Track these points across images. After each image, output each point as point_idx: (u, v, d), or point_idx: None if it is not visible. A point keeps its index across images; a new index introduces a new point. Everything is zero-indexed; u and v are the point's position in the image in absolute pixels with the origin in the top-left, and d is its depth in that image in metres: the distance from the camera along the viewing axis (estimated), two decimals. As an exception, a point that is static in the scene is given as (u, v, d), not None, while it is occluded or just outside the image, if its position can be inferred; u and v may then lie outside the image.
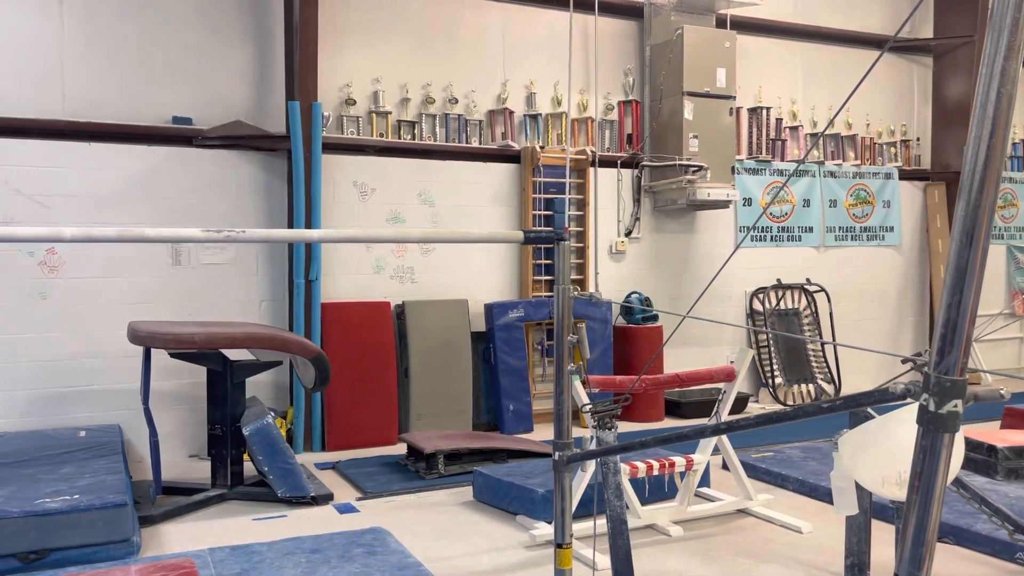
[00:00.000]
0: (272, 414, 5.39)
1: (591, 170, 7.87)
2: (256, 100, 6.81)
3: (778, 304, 8.87)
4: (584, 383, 4.20)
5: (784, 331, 8.75)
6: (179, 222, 6.39)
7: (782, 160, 8.91)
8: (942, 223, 9.65)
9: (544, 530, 4.48)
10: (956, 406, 1.50)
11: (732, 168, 8.09)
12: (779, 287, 8.87)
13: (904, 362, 2.07)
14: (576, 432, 3.69)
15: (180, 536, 4.62)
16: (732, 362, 4.91)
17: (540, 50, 7.83)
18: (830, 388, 8.80)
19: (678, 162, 7.80)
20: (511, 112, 7.67)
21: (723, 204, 8.12)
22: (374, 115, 7.16)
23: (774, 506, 4.98)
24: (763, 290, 8.78)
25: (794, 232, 9.02)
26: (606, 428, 3.52)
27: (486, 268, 7.55)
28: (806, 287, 9.00)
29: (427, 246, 7.30)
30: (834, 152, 9.33)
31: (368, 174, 7.10)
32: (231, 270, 6.67)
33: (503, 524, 4.81)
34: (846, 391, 8.85)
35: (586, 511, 4.16)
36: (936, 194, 9.72)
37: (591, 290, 7.53)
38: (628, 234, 8.16)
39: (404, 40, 7.33)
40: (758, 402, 8.58)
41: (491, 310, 7.32)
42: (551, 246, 3.39)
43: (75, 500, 4.20)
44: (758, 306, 8.74)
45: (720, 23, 8.25)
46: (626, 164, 8.13)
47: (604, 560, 3.80)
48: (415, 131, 7.33)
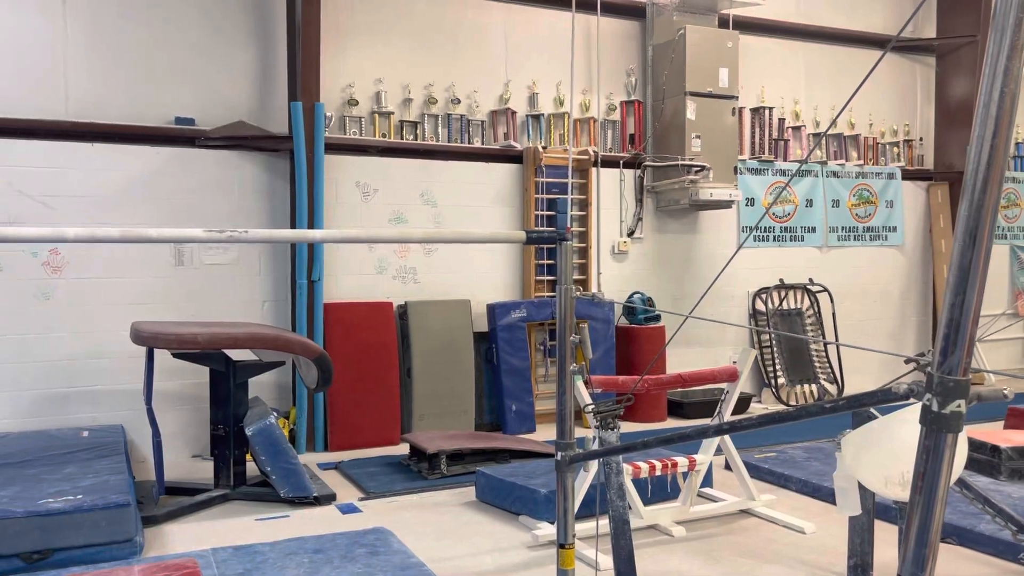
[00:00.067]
0: (275, 414, 5.40)
1: (593, 170, 7.87)
2: (259, 101, 6.82)
3: (781, 304, 8.86)
4: (586, 383, 4.19)
5: (787, 331, 8.74)
6: (182, 222, 6.40)
7: (785, 160, 8.90)
8: (945, 223, 9.64)
9: (547, 530, 4.48)
10: (959, 406, 1.49)
11: (735, 168, 8.08)
12: (782, 287, 8.86)
13: (907, 362, 2.07)
14: (579, 432, 3.70)
15: (183, 536, 4.63)
16: (735, 362, 4.91)
17: (542, 50, 7.83)
18: (833, 388, 8.79)
19: (680, 162, 7.80)
20: (513, 112, 7.67)
21: (726, 204, 8.12)
22: (376, 115, 7.17)
23: (777, 506, 4.98)
24: (766, 290, 8.77)
25: (797, 232, 9.01)
26: (609, 428, 3.51)
27: (488, 268, 7.55)
28: (809, 287, 8.99)
29: (429, 246, 7.30)
30: (837, 152, 9.32)
31: (370, 174, 7.10)
32: (234, 270, 6.68)
33: (506, 524, 4.81)
34: (849, 391, 8.84)
35: (588, 511, 4.15)
36: (939, 194, 9.71)
37: (593, 290, 7.52)
38: (630, 234, 8.16)
39: (406, 40, 7.33)
40: (761, 402, 8.57)
41: (493, 310, 7.32)
42: (553, 246, 3.39)
43: (78, 500, 4.20)
44: (761, 306, 8.73)
45: (722, 23, 8.24)
46: (628, 164, 8.13)
47: (607, 560, 3.81)
48: (417, 131, 7.33)
